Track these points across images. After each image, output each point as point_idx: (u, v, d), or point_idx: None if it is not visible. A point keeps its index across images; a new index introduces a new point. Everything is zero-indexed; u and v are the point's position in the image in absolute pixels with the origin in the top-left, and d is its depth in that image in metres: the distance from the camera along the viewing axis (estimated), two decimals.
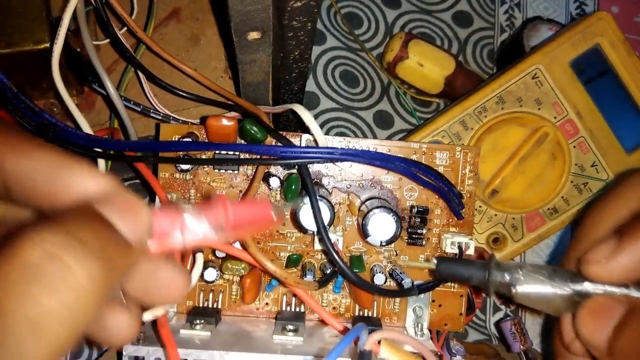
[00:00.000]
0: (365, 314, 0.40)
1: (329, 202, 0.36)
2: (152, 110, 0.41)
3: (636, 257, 0.26)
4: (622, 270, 0.26)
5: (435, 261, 0.32)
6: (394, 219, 0.36)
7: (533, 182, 0.49)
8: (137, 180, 0.49)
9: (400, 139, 0.53)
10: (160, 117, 0.41)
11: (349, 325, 0.39)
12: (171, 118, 0.41)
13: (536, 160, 0.49)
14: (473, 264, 0.30)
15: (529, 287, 0.28)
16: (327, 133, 0.56)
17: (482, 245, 0.50)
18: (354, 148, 0.39)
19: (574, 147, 0.49)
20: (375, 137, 0.57)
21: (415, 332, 0.39)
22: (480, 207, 0.49)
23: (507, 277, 0.29)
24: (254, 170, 0.38)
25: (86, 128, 0.38)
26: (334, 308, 0.40)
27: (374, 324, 0.39)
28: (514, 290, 0.29)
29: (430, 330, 0.40)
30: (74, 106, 0.38)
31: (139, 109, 0.41)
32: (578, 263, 0.28)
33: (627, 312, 0.25)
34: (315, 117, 0.57)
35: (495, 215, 0.50)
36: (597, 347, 0.26)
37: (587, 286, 0.27)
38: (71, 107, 0.38)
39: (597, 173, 0.50)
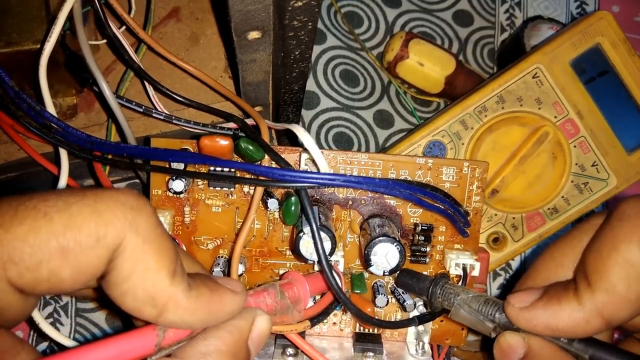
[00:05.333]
0: (366, 331, 0.40)
1: (330, 230, 0.33)
2: (154, 111, 0.41)
3: (541, 319, 0.29)
4: (528, 323, 0.29)
5: (398, 272, 0.36)
6: (397, 249, 0.34)
7: (533, 181, 0.49)
8: (137, 180, 0.49)
9: (400, 139, 0.53)
10: (162, 118, 0.41)
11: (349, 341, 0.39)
12: (173, 118, 0.41)
13: (536, 160, 0.49)
14: (425, 282, 0.35)
15: (461, 314, 0.33)
16: (327, 133, 0.56)
17: (482, 245, 0.50)
18: (356, 175, 0.37)
19: (575, 146, 0.49)
20: (375, 136, 0.57)
21: (417, 349, 0.39)
22: None
23: (445, 302, 0.33)
24: (250, 187, 0.37)
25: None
26: (334, 323, 0.40)
27: (374, 340, 0.38)
28: (449, 314, 0.33)
29: (431, 345, 0.40)
30: (53, 110, 0.37)
31: (141, 110, 0.40)
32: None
33: (523, 356, 0.30)
34: (315, 116, 0.56)
35: (496, 214, 0.49)
36: None
37: (504, 320, 0.31)
38: (51, 110, 0.37)
39: (598, 173, 0.50)
